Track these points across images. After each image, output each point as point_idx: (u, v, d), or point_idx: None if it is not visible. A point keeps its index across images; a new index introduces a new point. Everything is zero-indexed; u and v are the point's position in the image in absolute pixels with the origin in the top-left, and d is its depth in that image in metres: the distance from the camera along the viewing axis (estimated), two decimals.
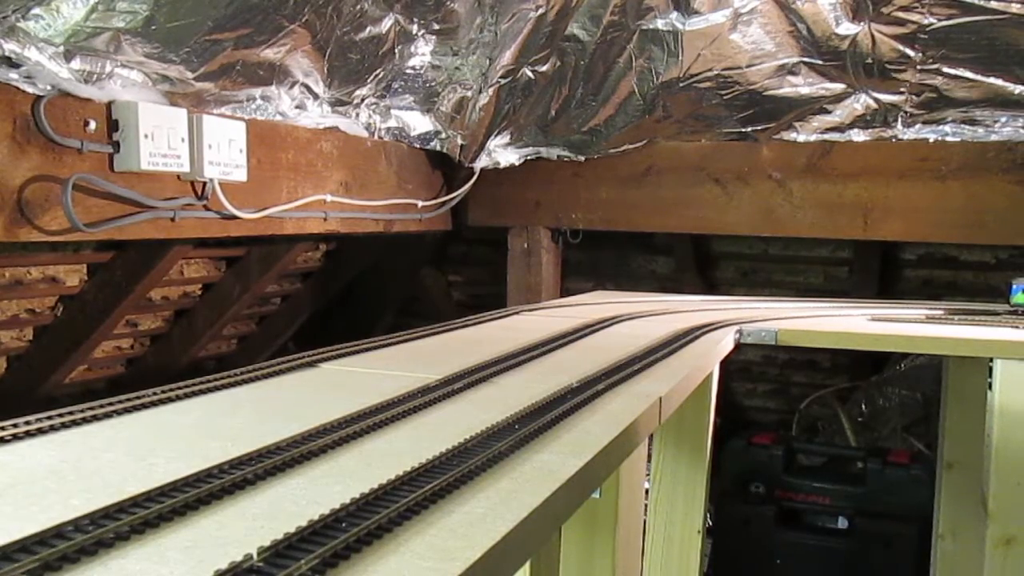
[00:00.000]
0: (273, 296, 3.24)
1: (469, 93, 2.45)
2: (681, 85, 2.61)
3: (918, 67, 2.43)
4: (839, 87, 2.56)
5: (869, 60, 2.45)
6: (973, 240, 2.80)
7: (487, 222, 3.11)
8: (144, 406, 1.15)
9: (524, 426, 1.04)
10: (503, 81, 2.44)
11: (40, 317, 2.35)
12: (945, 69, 2.42)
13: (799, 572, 2.83)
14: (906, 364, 3.35)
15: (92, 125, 1.60)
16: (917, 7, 2.32)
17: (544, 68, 2.50)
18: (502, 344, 1.66)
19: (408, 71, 2.30)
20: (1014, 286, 2.43)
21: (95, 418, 1.08)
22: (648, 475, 2.10)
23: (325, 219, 2.31)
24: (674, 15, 2.47)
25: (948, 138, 2.59)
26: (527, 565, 1.19)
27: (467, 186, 2.89)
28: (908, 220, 2.66)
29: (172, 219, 1.81)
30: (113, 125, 1.64)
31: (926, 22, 2.33)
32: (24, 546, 0.64)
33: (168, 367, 2.84)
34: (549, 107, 2.66)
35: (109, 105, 1.63)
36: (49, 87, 1.52)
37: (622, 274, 3.67)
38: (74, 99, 1.57)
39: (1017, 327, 2.07)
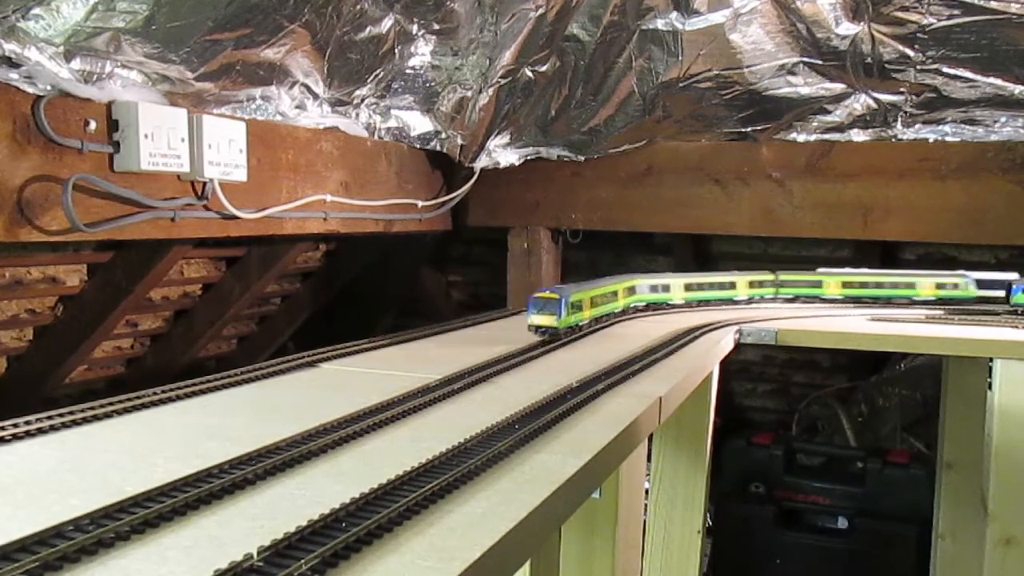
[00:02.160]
0: (273, 296, 3.24)
1: (469, 93, 2.45)
2: (681, 85, 2.60)
3: (918, 67, 2.43)
4: (839, 87, 2.56)
5: (869, 60, 2.44)
6: (973, 240, 2.80)
7: (487, 222, 3.11)
8: (144, 406, 1.15)
9: (524, 426, 1.04)
10: (503, 81, 2.44)
11: (40, 317, 2.35)
12: (945, 69, 2.42)
13: (799, 572, 2.83)
14: (906, 364, 3.35)
15: (92, 125, 1.60)
16: (917, 7, 2.32)
17: (544, 68, 2.50)
18: (502, 344, 1.66)
19: (408, 71, 2.30)
20: (1014, 286, 2.43)
21: (95, 418, 1.08)
22: (648, 475, 2.10)
23: (325, 219, 2.31)
24: (674, 15, 2.47)
25: (948, 138, 2.59)
26: (527, 565, 1.19)
27: (467, 186, 2.89)
28: (908, 220, 2.66)
29: (172, 219, 1.81)
30: (113, 125, 1.64)
31: (926, 22, 2.33)
32: (24, 546, 0.65)
33: (168, 367, 2.84)
34: (549, 107, 2.66)
35: (109, 105, 1.63)
36: (49, 87, 1.51)
37: (622, 274, 3.66)
38: (74, 99, 1.57)
39: (1017, 327, 2.08)
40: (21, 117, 1.50)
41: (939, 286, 2.53)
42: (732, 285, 2.44)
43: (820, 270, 2.67)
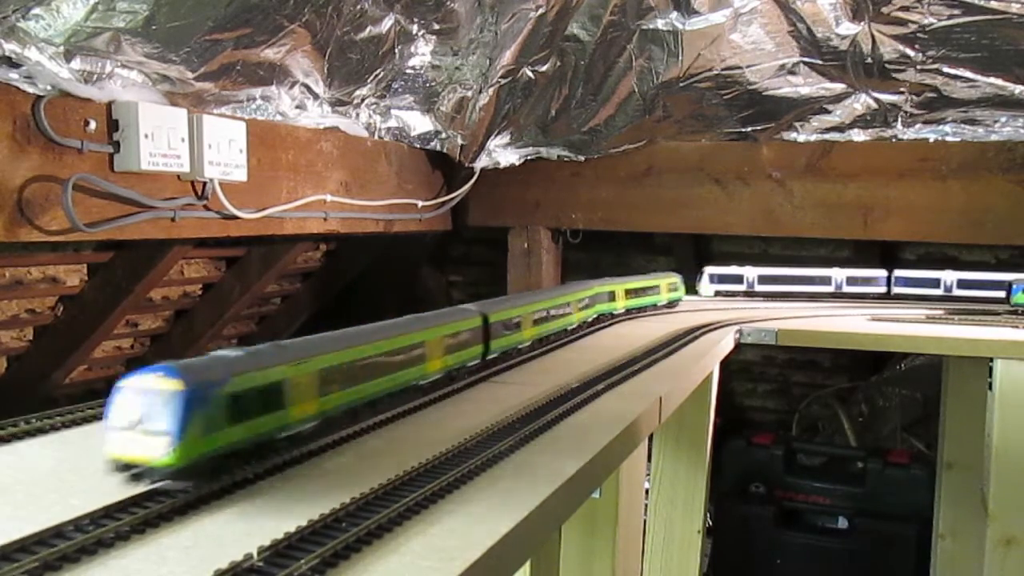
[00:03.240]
0: (273, 296, 3.23)
1: (469, 93, 2.45)
2: (681, 85, 2.60)
3: (918, 67, 2.43)
4: (839, 87, 2.56)
5: (869, 60, 2.44)
6: (973, 240, 2.80)
7: (487, 222, 3.11)
8: None
9: (524, 426, 1.04)
10: (503, 81, 2.44)
11: (40, 317, 2.35)
12: (945, 69, 2.42)
13: (799, 572, 2.82)
14: (906, 364, 3.35)
15: (92, 125, 1.60)
16: (917, 7, 2.32)
17: (544, 68, 2.50)
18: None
19: (408, 71, 2.30)
20: (1014, 286, 2.43)
21: (95, 418, 1.08)
22: (648, 475, 2.10)
23: (325, 219, 2.30)
24: (674, 15, 2.47)
25: (948, 138, 2.59)
26: (527, 565, 1.19)
27: (467, 186, 2.89)
28: (908, 220, 2.66)
29: (172, 219, 1.81)
30: (113, 125, 1.64)
31: (926, 22, 2.33)
32: (24, 546, 0.64)
33: None
34: (549, 107, 2.65)
35: (109, 105, 1.63)
36: (49, 87, 1.51)
37: (622, 274, 3.66)
38: (74, 99, 1.57)
39: (1017, 327, 2.07)
40: (21, 117, 1.50)
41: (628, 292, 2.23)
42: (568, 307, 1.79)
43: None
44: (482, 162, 2.73)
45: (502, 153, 2.77)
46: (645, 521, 2.06)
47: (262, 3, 1.70)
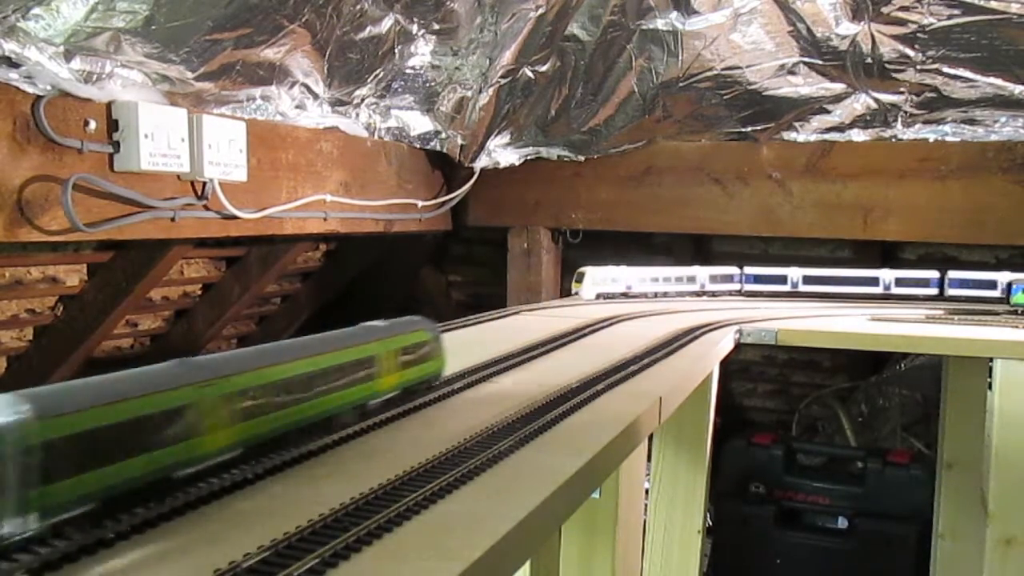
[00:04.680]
0: (273, 296, 3.24)
1: (469, 93, 2.45)
2: (681, 85, 2.60)
3: (918, 67, 2.43)
4: (839, 87, 2.56)
5: (869, 60, 2.45)
6: (973, 240, 2.80)
7: (487, 222, 3.11)
8: None
9: (524, 426, 1.04)
10: (503, 81, 2.44)
11: (40, 317, 2.35)
12: (945, 69, 2.42)
13: (799, 572, 2.82)
14: (906, 364, 3.35)
15: (92, 125, 1.60)
16: (917, 7, 2.32)
17: (544, 68, 2.50)
18: (502, 344, 1.65)
19: (408, 71, 2.30)
20: (1014, 286, 2.43)
21: None
22: (648, 475, 2.10)
23: (325, 219, 2.31)
24: (674, 15, 2.47)
25: (948, 138, 2.59)
26: (527, 565, 1.19)
27: (467, 186, 2.89)
28: (908, 220, 2.66)
29: (172, 219, 1.81)
30: (113, 125, 1.64)
31: (926, 22, 2.34)
32: (24, 546, 0.64)
33: None
34: (549, 107, 2.66)
35: (109, 105, 1.63)
36: (49, 87, 1.51)
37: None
38: (74, 99, 1.57)
39: (1017, 327, 2.07)
40: (21, 117, 1.50)
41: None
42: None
43: None
44: (482, 162, 2.73)
45: (502, 153, 2.77)
46: (645, 521, 2.06)
47: (262, 3, 1.70)
